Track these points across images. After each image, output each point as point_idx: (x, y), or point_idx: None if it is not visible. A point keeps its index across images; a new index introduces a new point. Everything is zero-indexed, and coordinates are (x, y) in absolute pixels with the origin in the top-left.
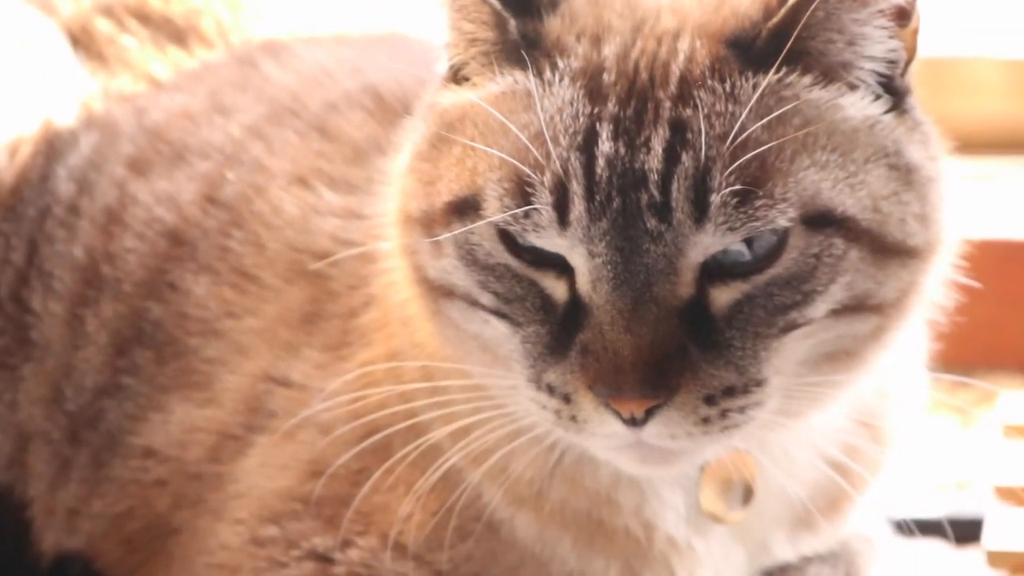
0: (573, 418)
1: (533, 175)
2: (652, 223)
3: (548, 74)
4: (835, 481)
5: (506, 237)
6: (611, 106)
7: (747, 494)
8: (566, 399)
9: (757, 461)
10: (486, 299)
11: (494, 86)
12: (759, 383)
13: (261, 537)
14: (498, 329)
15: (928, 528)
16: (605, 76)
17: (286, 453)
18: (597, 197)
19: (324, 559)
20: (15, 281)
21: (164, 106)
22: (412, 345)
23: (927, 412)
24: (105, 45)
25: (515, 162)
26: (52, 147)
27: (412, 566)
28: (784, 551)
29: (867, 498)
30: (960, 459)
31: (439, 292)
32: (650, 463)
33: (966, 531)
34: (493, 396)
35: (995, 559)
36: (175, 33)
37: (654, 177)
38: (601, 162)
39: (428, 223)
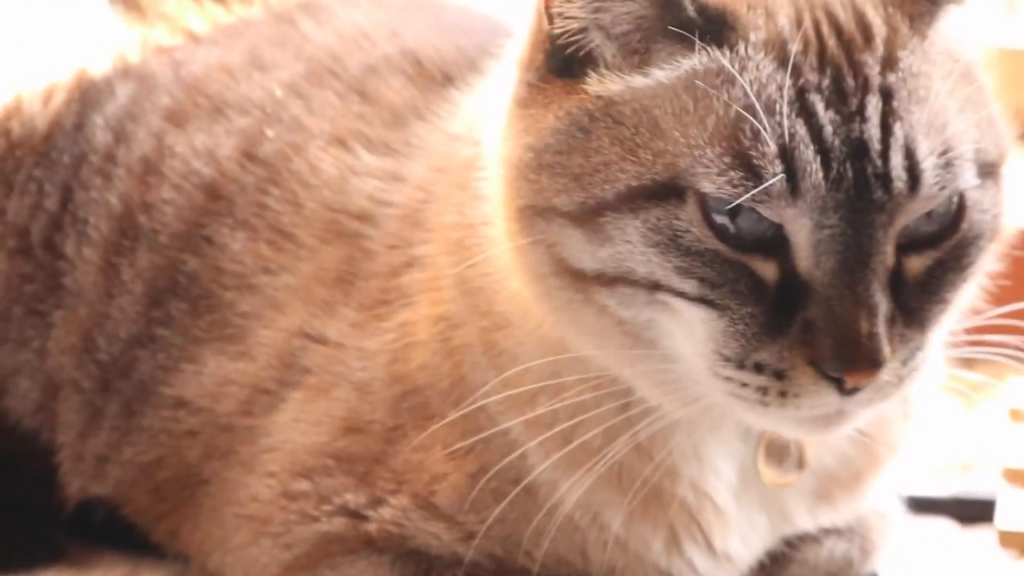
0: (782, 393)
1: (756, 148)
2: (878, 193)
3: (741, 48)
4: (860, 453)
5: (711, 222)
6: (810, 75)
7: (799, 458)
8: (778, 375)
9: None
10: (688, 286)
11: (682, 66)
12: (930, 341)
13: (292, 491)
14: (692, 315)
15: (935, 507)
16: (791, 46)
17: (320, 409)
18: (833, 167)
19: (355, 515)
20: (48, 227)
21: (202, 60)
22: (475, 313)
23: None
24: None
25: (736, 136)
26: (86, 95)
27: (444, 527)
28: (804, 521)
29: (887, 473)
30: (965, 440)
31: (594, 280)
32: (829, 427)
33: (972, 511)
34: (609, 373)
35: (1007, 539)
36: None
37: (876, 146)
38: (828, 130)
39: (586, 214)
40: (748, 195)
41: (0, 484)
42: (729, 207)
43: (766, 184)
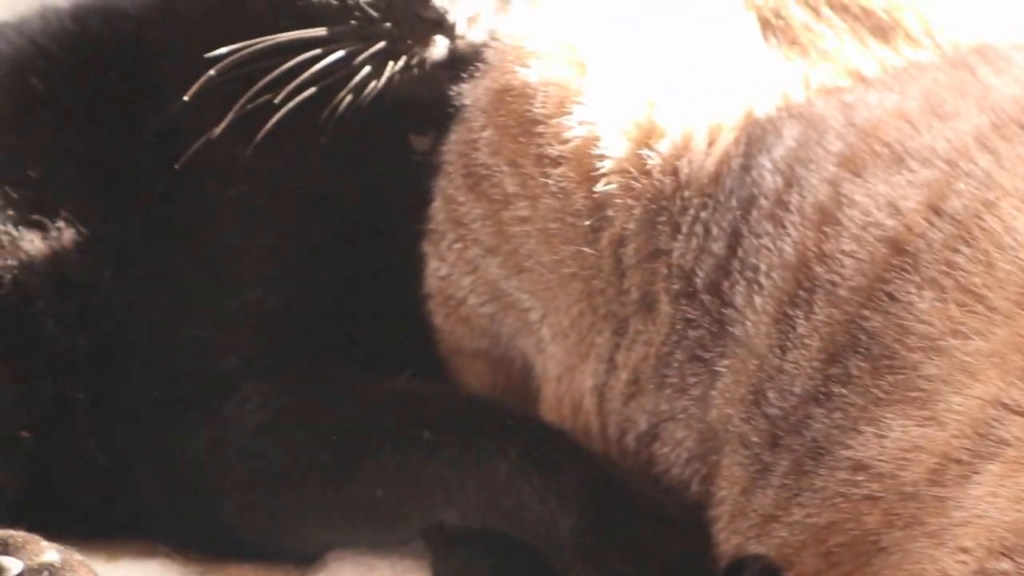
0: None
1: None
2: None
3: None
4: None
5: None
6: None
7: None
8: None
9: None
10: None
11: None
12: None
13: (990, 570)
14: None
15: None
16: None
17: (1021, 485)
18: None
19: None
20: (714, 272)
21: (876, 104)
22: None
23: None
24: (800, 33)
25: None
26: (751, 135)
27: None
28: None
29: None
30: None
31: None
32: None
33: None
34: None
35: None
36: (877, 27)
37: None
38: None
39: None
40: None
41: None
42: None
43: None
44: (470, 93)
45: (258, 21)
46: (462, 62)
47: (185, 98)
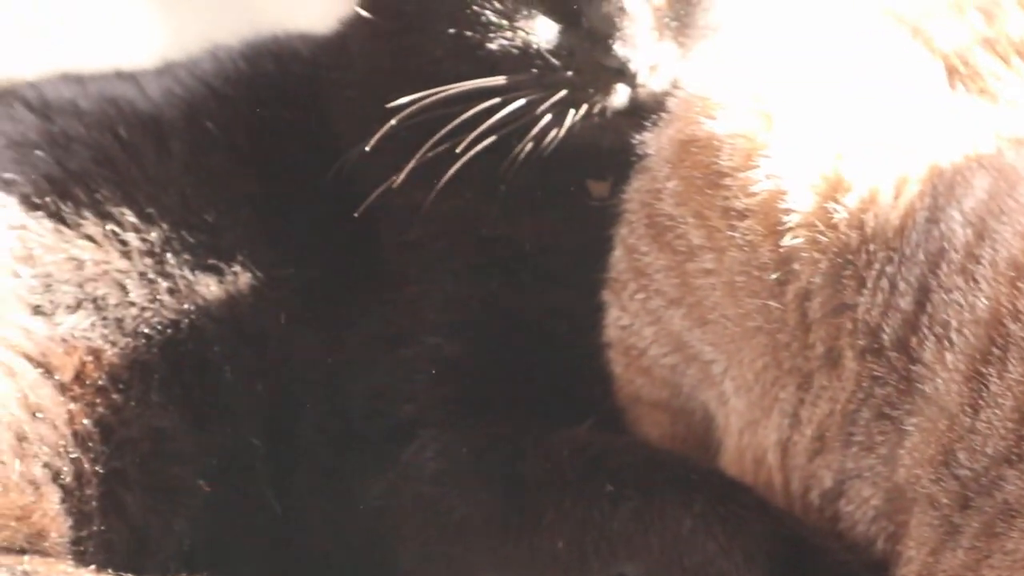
0: None
1: None
2: None
3: None
4: None
5: None
6: None
7: None
8: None
9: None
10: None
11: None
12: None
13: None
14: None
15: None
16: None
17: None
18: None
19: None
20: (901, 327)
21: None
22: None
23: None
24: (989, 81)
25: None
26: (937, 187)
27: None
28: None
29: None
30: None
31: None
32: None
33: None
34: None
35: None
36: None
37: None
38: None
39: None
40: None
41: None
42: None
43: None
44: (653, 142)
45: (436, 67)
46: (643, 111)
47: (367, 148)
